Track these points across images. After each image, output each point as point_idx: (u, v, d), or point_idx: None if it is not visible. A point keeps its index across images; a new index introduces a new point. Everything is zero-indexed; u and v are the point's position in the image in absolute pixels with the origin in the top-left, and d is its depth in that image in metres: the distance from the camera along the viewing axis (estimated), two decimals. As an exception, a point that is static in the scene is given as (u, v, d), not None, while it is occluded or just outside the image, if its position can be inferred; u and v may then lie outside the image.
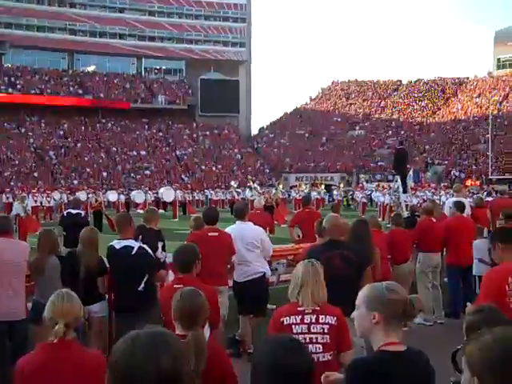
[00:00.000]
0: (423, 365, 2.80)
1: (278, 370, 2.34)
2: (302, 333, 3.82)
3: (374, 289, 2.86)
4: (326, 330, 3.88)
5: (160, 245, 7.56)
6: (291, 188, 46.47)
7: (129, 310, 5.96)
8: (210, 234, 7.36)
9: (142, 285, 6.03)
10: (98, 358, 3.36)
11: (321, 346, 3.87)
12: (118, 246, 6.28)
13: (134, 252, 6.15)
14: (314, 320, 3.89)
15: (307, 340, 3.78)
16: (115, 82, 68.12)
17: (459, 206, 9.82)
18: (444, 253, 9.77)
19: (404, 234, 9.31)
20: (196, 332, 3.28)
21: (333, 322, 3.90)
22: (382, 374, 2.67)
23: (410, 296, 2.84)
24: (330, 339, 3.88)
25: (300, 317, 3.91)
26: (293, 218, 12.46)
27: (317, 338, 3.87)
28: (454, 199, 11.52)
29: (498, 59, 75.81)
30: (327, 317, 3.90)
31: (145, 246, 6.36)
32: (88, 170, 54.62)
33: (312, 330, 3.88)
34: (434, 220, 9.76)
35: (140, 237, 6.97)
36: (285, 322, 3.90)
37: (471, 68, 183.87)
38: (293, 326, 3.86)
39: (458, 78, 78.10)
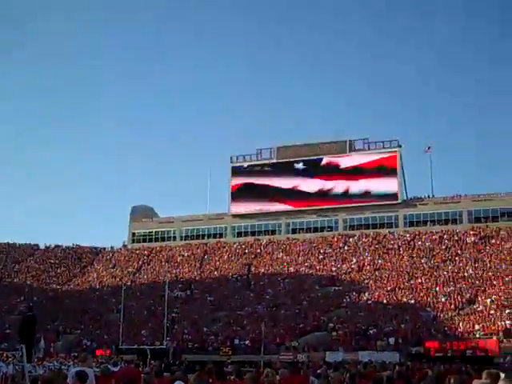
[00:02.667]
0: None
1: None
2: None
3: None
4: None
5: None
6: None
7: None
8: None
9: None
10: None
11: None
12: None
13: None
14: None
15: None
16: None
17: (81, 376, 9.45)
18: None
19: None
20: None
21: None
22: None
23: None
24: None
25: None
26: None
27: None
28: (77, 369, 11.15)
29: (133, 233, 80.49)
30: None
31: None
32: None
33: None
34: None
35: None
36: None
37: (109, 239, 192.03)
38: None
39: (96, 248, 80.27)
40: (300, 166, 72.69)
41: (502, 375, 11.37)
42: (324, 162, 71.75)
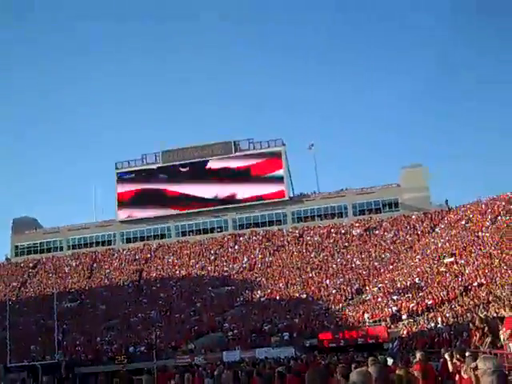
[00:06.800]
0: None
1: None
2: None
3: None
4: None
5: None
6: None
7: None
8: None
9: None
10: None
11: None
12: None
13: None
14: None
15: None
16: None
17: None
18: None
19: None
20: None
21: None
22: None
23: None
24: None
25: None
26: None
27: None
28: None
29: (16, 246, 77.08)
30: None
31: None
32: None
33: None
34: None
35: None
36: None
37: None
38: None
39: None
40: (186, 169, 72.30)
41: (390, 360, 11.84)
42: (210, 164, 71.83)
